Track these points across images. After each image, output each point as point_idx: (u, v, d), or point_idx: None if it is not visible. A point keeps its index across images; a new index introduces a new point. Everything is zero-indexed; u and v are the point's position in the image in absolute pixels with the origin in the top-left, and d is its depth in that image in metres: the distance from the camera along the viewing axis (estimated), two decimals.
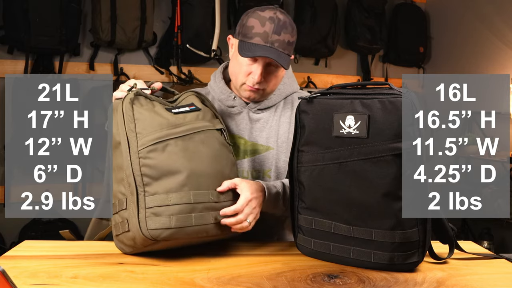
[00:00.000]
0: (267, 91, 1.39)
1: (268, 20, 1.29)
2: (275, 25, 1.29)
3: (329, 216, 1.13)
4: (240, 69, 1.35)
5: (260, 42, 1.29)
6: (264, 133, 1.41)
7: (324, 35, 3.58)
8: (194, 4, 3.16)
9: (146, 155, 1.11)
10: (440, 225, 1.17)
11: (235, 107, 1.42)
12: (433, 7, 4.18)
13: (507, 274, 1.11)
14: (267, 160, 1.40)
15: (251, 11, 1.35)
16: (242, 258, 1.18)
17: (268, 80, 1.35)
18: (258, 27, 1.29)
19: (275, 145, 1.40)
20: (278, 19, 1.30)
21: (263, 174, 1.40)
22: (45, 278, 1.00)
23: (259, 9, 1.34)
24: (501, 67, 3.41)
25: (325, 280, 1.03)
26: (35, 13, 2.79)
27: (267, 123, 1.42)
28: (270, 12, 1.31)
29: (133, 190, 1.09)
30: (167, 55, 3.28)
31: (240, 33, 1.33)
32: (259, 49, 1.28)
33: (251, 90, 1.36)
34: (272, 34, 1.29)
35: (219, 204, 1.16)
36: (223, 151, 1.23)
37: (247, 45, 1.30)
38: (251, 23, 1.31)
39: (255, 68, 1.32)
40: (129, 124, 1.12)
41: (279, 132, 1.41)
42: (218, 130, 1.25)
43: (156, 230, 1.07)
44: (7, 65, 2.98)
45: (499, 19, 3.48)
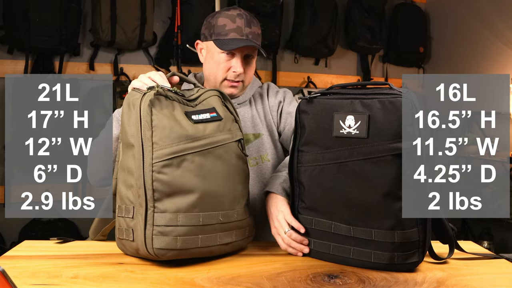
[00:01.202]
0: (245, 83, 1.45)
1: (237, 16, 1.38)
2: (245, 19, 1.38)
3: (329, 216, 1.13)
4: (218, 67, 1.40)
5: (236, 36, 1.36)
6: (248, 123, 1.47)
7: (324, 35, 3.58)
8: (194, 4, 3.16)
9: (160, 169, 1.05)
10: (440, 225, 1.17)
11: None
12: (433, 7, 4.18)
13: (507, 274, 1.11)
14: (261, 146, 1.46)
15: (215, 13, 1.43)
16: (242, 258, 1.18)
17: (246, 72, 1.42)
18: (230, 24, 1.37)
19: (264, 130, 1.47)
20: (245, 14, 1.39)
21: (261, 159, 1.46)
22: (45, 278, 1.00)
23: (223, 10, 1.43)
24: (501, 67, 3.41)
25: (325, 280, 1.03)
26: (35, 13, 2.79)
27: (247, 114, 1.48)
28: (236, 11, 1.40)
29: (143, 203, 1.05)
30: (167, 55, 3.29)
31: (213, 34, 1.39)
32: (238, 41, 1.36)
33: (233, 85, 1.42)
34: (245, 27, 1.37)
35: (227, 225, 1.14)
36: (239, 165, 1.19)
37: (225, 41, 1.36)
38: (222, 22, 1.38)
39: (235, 62, 1.39)
40: (146, 132, 1.06)
41: (262, 118, 1.48)
42: (237, 141, 1.20)
43: (161, 250, 1.05)
44: (7, 65, 2.98)
45: (499, 19, 3.48)
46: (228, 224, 1.14)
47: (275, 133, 1.49)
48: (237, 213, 1.17)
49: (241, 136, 1.22)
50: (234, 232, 1.16)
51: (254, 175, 1.43)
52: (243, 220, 1.18)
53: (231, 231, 1.15)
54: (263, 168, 1.45)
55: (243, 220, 1.18)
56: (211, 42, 1.39)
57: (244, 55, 1.39)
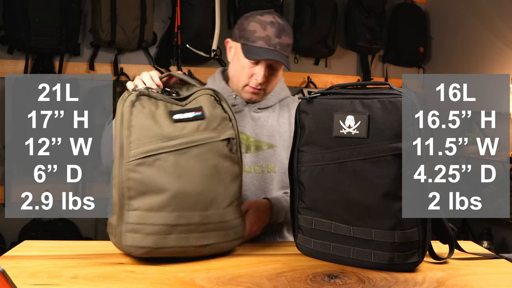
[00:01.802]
0: (267, 91, 1.44)
1: (269, 24, 1.35)
2: (276, 29, 1.35)
3: (329, 216, 1.13)
4: (242, 71, 1.39)
5: (264, 45, 1.34)
6: (265, 130, 1.45)
7: (324, 35, 3.58)
8: (194, 4, 3.16)
9: (134, 168, 1.06)
10: (440, 225, 1.17)
11: (236, 106, 1.46)
12: (433, 7, 4.18)
13: (507, 274, 1.11)
14: (271, 157, 1.44)
15: (250, 15, 1.40)
16: (242, 258, 1.18)
17: (269, 81, 1.41)
18: (260, 31, 1.35)
19: (278, 143, 1.45)
20: (278, 23, 1.36)
21: (267, 169, 1.44)
22: (45, 278, 1.00)
23: (257, 13, 1.39)
24: (501, 67, 3.41)
25: (325, 280, 1.03)
26: (35, 13, 2.79)
27: (267, 122, 1.46)
28: (270, 17, 1.37)
29: (119, 200, 1.08)
30: (167, 55, 3.28)
31: (242, 37, 1.38)
32: (263, 52, 1.34)
33: (253, 91, 1.41)
34: (274, 37, 1.35)
35: (204, 226, 1.12)
36: (223, 165, 1.14)
37: (251, 48, 1.35)
38: (253, 27, 1.36)
39: (258, 69, 1.37)
40: (125, 131, 1.08)
41: (280, 131, 1.46)
42: (224, 140, 1.15)
43: (131, 247, 1.07)
44: (7, 65, 2.98)
45: (499, 19, 3.48)
46: (206, 225, 1.11)
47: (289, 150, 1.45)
48: (220, 214, 1.13)
49: (231, 135, 1.16)
50: (212, 234, 1.12)
51: (257, 182, 1.43)
52: (227, 222, 1.14)
53: (208, 233, 1.12)
54: (267, 178, 1.44)
55: (227, 222, 1.14)
56: (239, 45, 1.39)
57: (268, 64, 1.38)
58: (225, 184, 1.14)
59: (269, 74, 1.39)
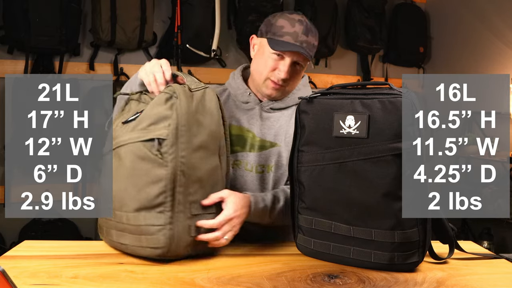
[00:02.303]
0: (287, 89, 1.44)
1: (297, 22, 1.37)
2: (304, 27, 1.37)
3: (329, 216, 1.13)
4: (265, 65, 1.39)
5: (290, 41, 1.35)
6: (273, 130, 1.44)
7: (324, 35, 3.58)
8: (194, 4, 3.15)
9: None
10: (440, 225, 1.17)
11: (248, 103, 1.46)
12: (433, 7, 4.18)
13: (507, 274, 1.11)
14: (272, 156, 1.43)
15: (279, 13, 1.43)
16: (242, 258, 1.18)
17: (291, 78, 1.40)
18: (288, 27, 1.36)
19: (282, 143, 1.43)
20: (306, 22, 1.38)
21: (267, 169, 1.43)
22: (45, 278, 1.00)
23: (287, 12, 1.42)
24: (501, 67, 3.41)
25: (325, 280, 1.03)
26: (35, 13, 2.78)
27: (277, 122, 1.45)
28: (299, 16, 1.39)
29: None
30: (167, 55, 3.28)
31: (269, 32, 1.39)
32: (291, 46, 1.35)
33: (274, 87, 1.41)
34: (302, 34, 1.36)
35: (119, 225, 1.14)
36: (140, 167, 1.10)
37: (277, 42, 1.36)
38: (281, 23, 1.38)
39: (282, 64, 1.37)
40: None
41: (288, 131, 1.44)
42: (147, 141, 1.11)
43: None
44: (7, 65, 2.98)
45: (499, 19, 3.48)
46: (119, 224, 1.14)
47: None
48: (127, 217, 1.12)
49: (160, 135, 1.10)
50: (127, 235, 1.13)
51: (257, 182, 1.41)
52: (138, 227, 1.10)
53: (122, 232, 1.14)
54: (266, 177, 1.42)
55: (138, 227, 1.10)
56: (265, 39, 1.39)
57: (293, 61, 1.37)
58: (137, 186, 1.10)
59: (292, 71, 1.38)
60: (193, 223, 1.12)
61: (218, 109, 1.19)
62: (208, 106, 1.17)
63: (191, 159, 1.11)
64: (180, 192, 1.10)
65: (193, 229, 1.12)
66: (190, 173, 1.11)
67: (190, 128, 1.11)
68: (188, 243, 1.12)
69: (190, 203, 1.12)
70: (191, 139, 1.11)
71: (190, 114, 1.12)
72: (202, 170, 1.13)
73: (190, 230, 1.12)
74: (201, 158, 1.13)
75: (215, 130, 1.17)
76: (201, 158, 1.13)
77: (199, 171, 1.13)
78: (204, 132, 1.14)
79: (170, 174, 1.09)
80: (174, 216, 1.10)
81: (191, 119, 1.12)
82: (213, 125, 1.17)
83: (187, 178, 1.10)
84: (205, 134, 1.14)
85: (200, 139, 1.13)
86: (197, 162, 1.12)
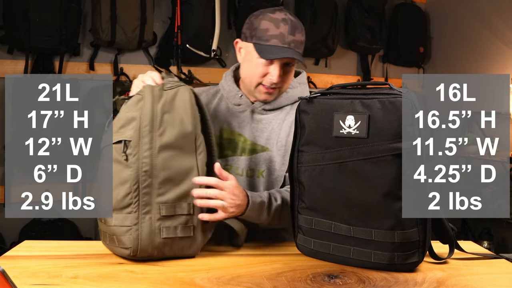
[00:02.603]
0: (282, 90, 1.42)
1: (281, 21, 1.32)
2: (289, 26, 1.32)
3: (329, 216, 1.13)
4: (255, 71, 1.36)
5: (278, 44, 1.31)
6: (265, 134, 1.41)
7: (324, 35, 3.58)
8: (194, 4, 3.16)
9: None
10: (440, 225, 1.17)
11: (240, 105, 1.44)
12: (433, 7, 4.18)
13: (507, 274, 1.11)
14: (262, 160, 1.39)
15: (260, 14, 1.36)
16: (242, 258, 1.18)
17: (283, 80, 1.38)
18: (273, 29, 1.31)
19: (274, 147, 1.40)
20: (290, 20, 1.33)
21: (257, 174, 1.40)
22: (45, 278, 1.00)
23: (267, 11, 1.35)
24: (501, 67, 3.41)
25: (325, 280, 1.03)
26: (35, 13, 2.78)
27: (269, 125, 1.42)
28: (281, 14, 1.33)
29: None
30: (167, 55, 3.28)
31: (254, 36, 1.34)
32: (279, 50, 1.31)
33: (267, 91, 1.38)
34: (288, 35, 1.32)
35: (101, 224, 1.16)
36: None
37: (265, 47, 1.32)
38: (265, 26, 1.32)
39: (273, 69, 1.34)
40: None
41: (280, 135, 1.41)
42: (117, 143, 1.12)
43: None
44: (7, 65, 2.98)
45: (499, 19, 3.48)
46: (101, 224, 1.16)
47: (287, 156, 1.36)
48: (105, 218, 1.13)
49: (126, 137, 1.11)
50: (107, 235, 1.14)
51: (247, 187, 1.37)
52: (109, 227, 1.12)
53: (104, 233, 1.16)
54: (256, 182, 1.38)
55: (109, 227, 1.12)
56: (251, 45, 1.35)
57: (283, 63, 1.34)
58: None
59: (283, 72, 1.36)
60: (165, 224, 1.11)
61: (193, 108, 1.16)
62: (179, 104, 1.14)
63: (155, 160, 1.10)
64: (146, 193, 1.10)
65: (164, 230, 1.10)
66: (156, 173, 1.10)
67: (153, 128, 1.11)
68: (157, 245, 1.10)
69: (159, 204, 1.10)
70: (155, 139, 1.11)
71: (155, 114, 1.11)
72: (171, 170, 1.11)
73: (161, 232, 1.10)
74: (171, 158, 1.12)
75: (188, 129, 1.14)
76: (171, 157, 1.12)
77: (168, 171, 1.11)
78: (173, 132, 1.12)
79: (133, 175, 1.10)
80: (140, 217, 1.10)
81: (155, 119, 1.11)
82: (186, 124, 1.14)
83: (153, 179, 1.10)
84: (174, 134, 1.12)
85: (167, 139, 1.11)
86: (165, 162, 1.11)
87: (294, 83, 1.46)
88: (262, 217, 1.26)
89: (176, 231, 1.11)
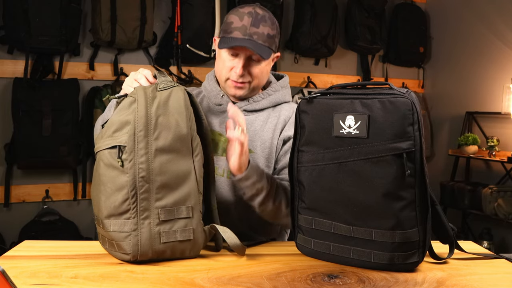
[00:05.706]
0: (253, 85, 1.39)
1: (246, 14, 1.33)
2: (253, 18, 1.33)
3: (329, 216, 1.13)
4: (223, 65, 1.38)
5: (239, 35, 1.32)
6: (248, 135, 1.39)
7: (324, 35, 3.58)
8: (194, 4, 3.16)
9: None
10: (440, 225, 1.17)
11: (221, 105, 1.43)
12: (433, 7, 4.19)
13: (507, 274, 1.11)
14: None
15: (233, 9, 1.39)
16: (242, 258, 1.18)
17: (251, 73, 1.37)
18: (237, 22, 1.33)
19: (257, 149, 1.39)
20: (256, 13, 1.34)
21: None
22: (45, 278, 1.00)
23: (239, 6, 1.38)
24: (501, 67, 3.41)
25: (325, 280, 1.03)
26: (35, 13, 2.79)
27: (251, 126, 1.41)
28: (249, 8, 1.35)
29: None
30: (167, 55, 3.29)
31: (221, 30, 1.37)
32: (236, 41, 1.31)
33: (236, 85, 1.38)
34: (250, 27, 1.32)
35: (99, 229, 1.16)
36: (106, 174, 1.10)
37: (226, 39, 1.33)
38: (231, 19, 1.35)
39: (237, 62, 1.35)
40: None
41: (263, 137, 1.40)
42: (111, 148, 1.10)
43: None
44: (7, 65, 2.98)
45: (499, 19, 3.48)
46: (99, 228, 1.16)
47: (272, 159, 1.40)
48: (103, 224, 1.12)
49: (119, 142, 1.08)
50: (106, 239, 1.14)
51: (228, 188, 1.37)
52: (108, 233, 1.11)
53: (102, 237, 1.16)
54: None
55: (108, 233, 1.11)
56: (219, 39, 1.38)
57: (247, 56, 1.34)
58: (106, 194, 1.10)
59: (249, 65, 1.35)
60: (164, 228, 1.09)
61: (187, 108, 1.13)
62: (174, 106, 1.11)
63: (152, 164, 1.08)
64: (144, 199, 1.08)
65: (164, 235, 1.09)
66: (154, 178, 1.08)
67: (148, 133, 1.08)
68: (157, 249, 1.09)
69: (158, 209, 1.09)
70: (150, 144, 1.08)
71: (149, 118, 1.09)
72: (168, 174, 1.09)
73: (161, 236, 1.09)
74: (168, 162, 1.09)
75: (183, 131, 1.11)
76: (168, 161, 1.09)
77: (165, 175, 1.09)
78: (168, 135, 1.10)
79: (130, 181, 1.08)
80: (138, 222, 1.08)
81: (149, 123, 1.08)
82: (181, 127, 1.11)
83: (151, 184, 1.08)
84: (169, 137, 1.10)
85: (162, 143, 1.09)
86: (162, 167, 1.09)
87: (276, 86, 1.46)
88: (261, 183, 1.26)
89: (176, 235, 1.10)
